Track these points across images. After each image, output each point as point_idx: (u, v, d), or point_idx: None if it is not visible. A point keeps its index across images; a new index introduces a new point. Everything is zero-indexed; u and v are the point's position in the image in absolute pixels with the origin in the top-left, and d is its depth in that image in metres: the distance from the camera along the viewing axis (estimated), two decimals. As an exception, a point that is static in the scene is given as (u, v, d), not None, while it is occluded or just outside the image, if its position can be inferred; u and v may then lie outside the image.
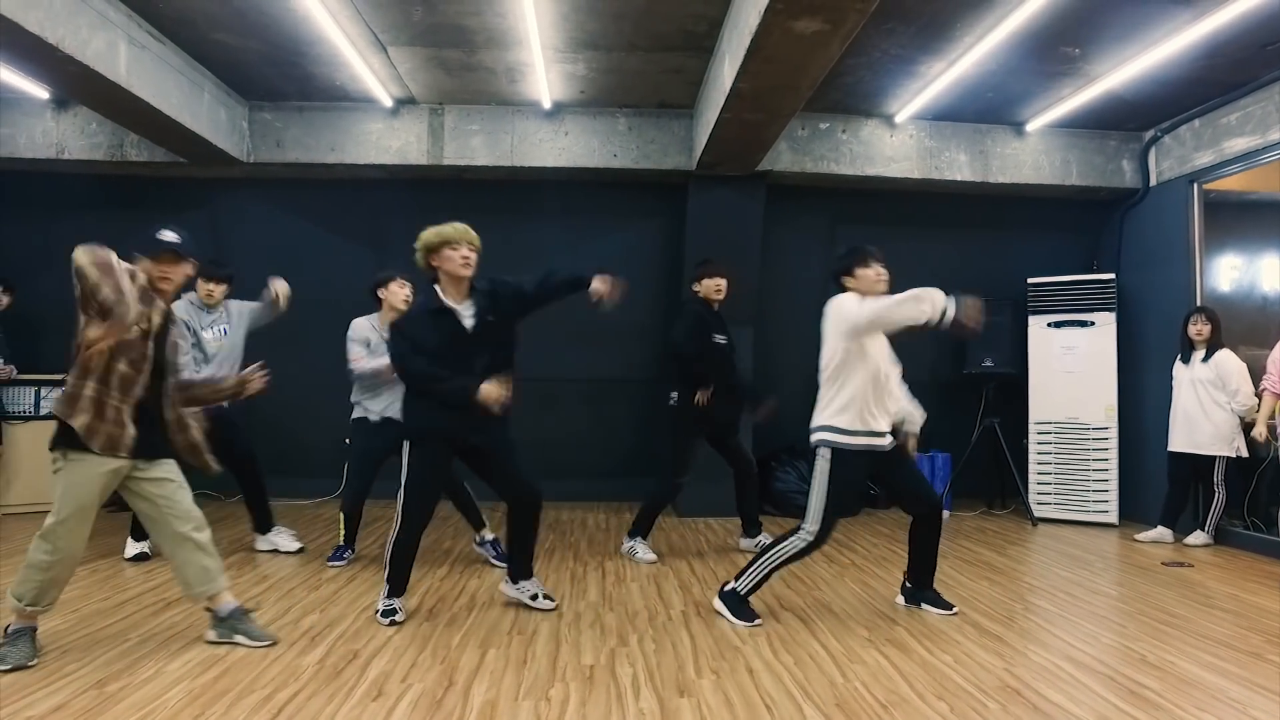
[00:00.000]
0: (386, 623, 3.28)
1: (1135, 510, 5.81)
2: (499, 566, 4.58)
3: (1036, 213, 6.51)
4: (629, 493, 5.67)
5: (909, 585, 3.70)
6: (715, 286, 4.61)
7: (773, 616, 3.49)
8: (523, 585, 3.54)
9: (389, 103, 5.66)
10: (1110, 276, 6.00)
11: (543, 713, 2.47)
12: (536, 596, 3.53)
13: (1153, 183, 6.00)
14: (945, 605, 3.57)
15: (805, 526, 3.38)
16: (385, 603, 3.34)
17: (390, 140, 5.81)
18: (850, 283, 3.43)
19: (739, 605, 3.44)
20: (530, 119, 5.83)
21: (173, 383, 3.02)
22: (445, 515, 5.65)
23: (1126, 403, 5.90)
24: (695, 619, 3.44)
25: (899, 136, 5.96)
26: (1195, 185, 5.58)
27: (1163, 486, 5.38)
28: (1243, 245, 5.85)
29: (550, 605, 3.53)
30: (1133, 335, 5.98)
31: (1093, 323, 5.98)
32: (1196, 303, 5.44)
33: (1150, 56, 4.64)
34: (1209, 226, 5.59)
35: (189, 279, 3.08)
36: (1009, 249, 6.58)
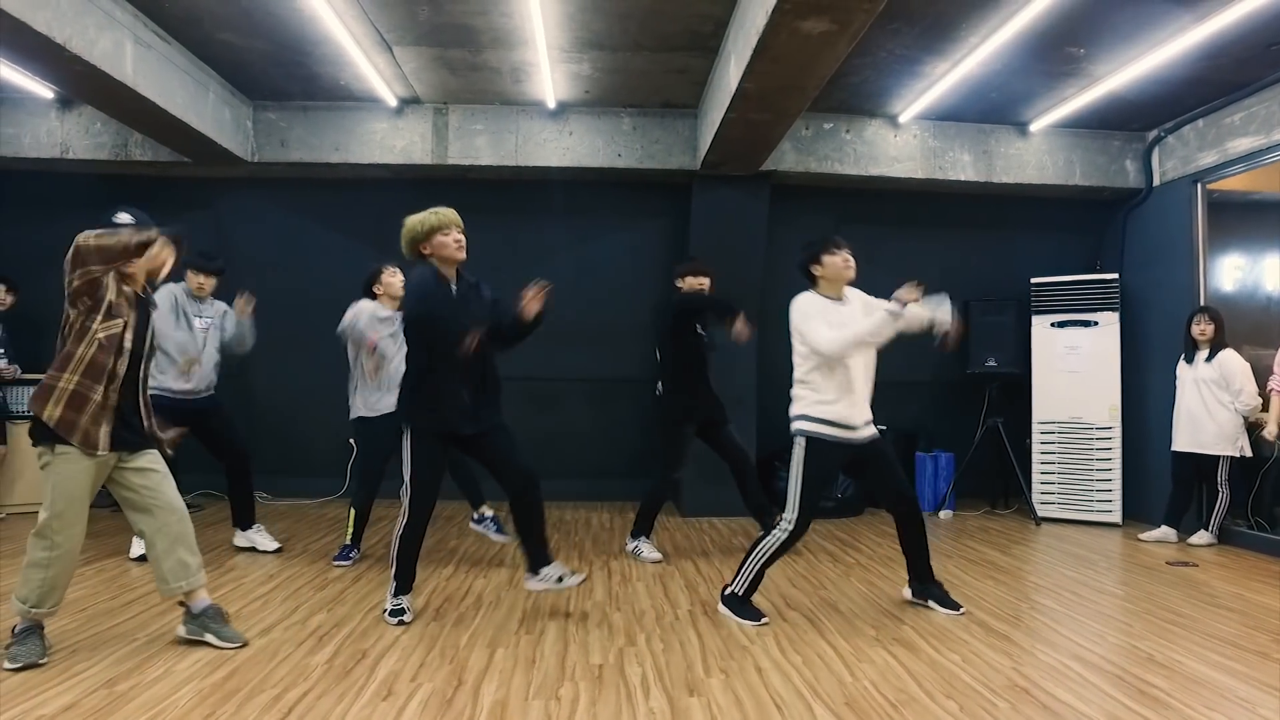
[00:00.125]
0: (394, 622, 3.28)
1: (1139, 510, 5.82)
2: (500, 540, 4.60)
3: (1040, 213, 6.51)
4: (633, 492, 5.66)
5: (913, 581, 3.69)
6: (698, 284, 4.66)
7: (779, 616, 3.49)
8: (545, 573, 3.43)
9: (393, 102, 5.66)
10: (1114, 276, 6.01)
11: (553, 712, 2.47)
12: (563, 578, 3.43)
13: (1156, 183, 6.01)
14: (953, 605, 3.57)
15: (785, 516, 3.41)
16: (393, 602, 3.34)
17: (394, 140, 5.81)
18: (818, 270, 3.46)
19: (741, 606, 3.45)
20: (535, 119, 5.83)
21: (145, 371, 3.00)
22: (449, 515, 5.68)
23: (1130, 402, 5.90)
24: (702, 618, 3.45)
25: (903, 136, 5.96)
26: (1199, 185, 5.58)
27: (1166, 486, 5.39)
28: (1246, 245, 5.85)
29: (580, 578, 3.46)
30: (1136, 335, 5.99)
31: (1096, 323, 5.99)
32: (1200, 303, 5.44)
33: (1154, 57, 4.64)
34: (1212, 226, 5.60)
35: (163, 265, 3.00)
36: (1012, 249, 6.59)
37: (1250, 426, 5.00)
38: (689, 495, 6.00)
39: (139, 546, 4.34)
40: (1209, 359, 5.11)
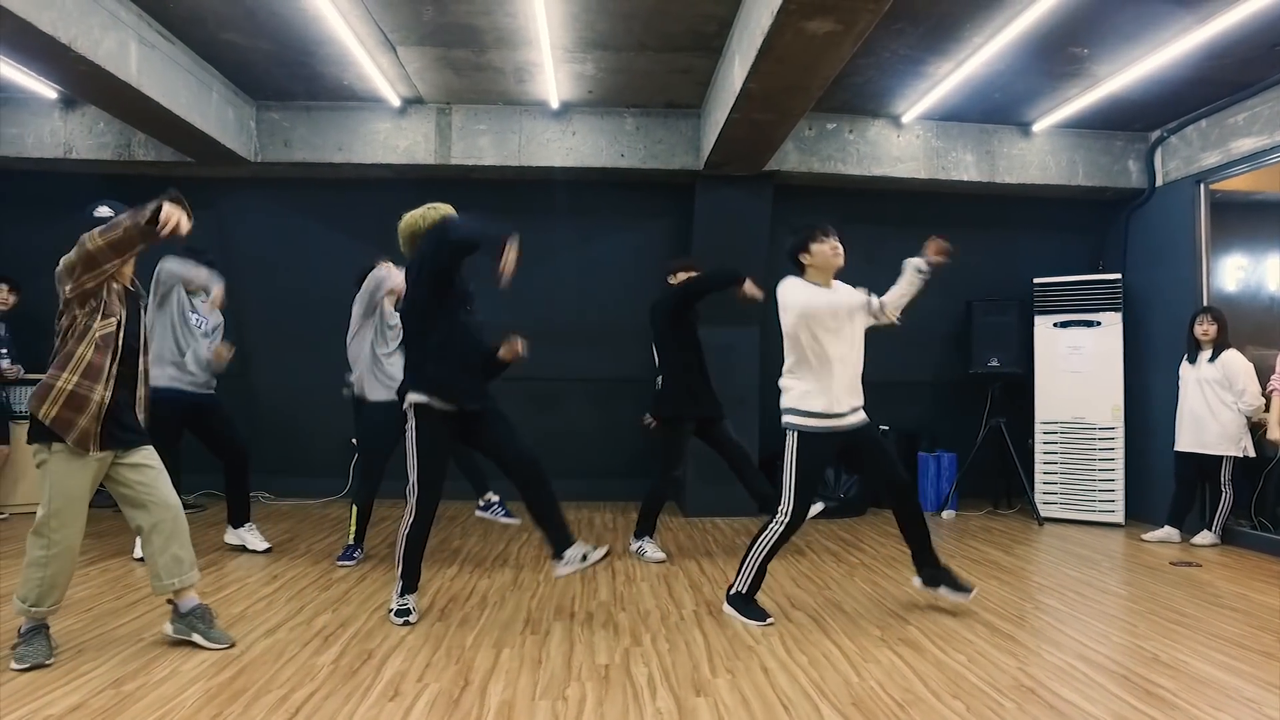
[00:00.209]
0: (400, 623, 3.28)
1: (1141, 510, 5.82)
2: (509, 523, 4.65)
3: (1042, 213, 6.52)
4: (635, 492, 5.66)
5: (920, 570, 3.61)
6: (689, 279, 4.66)
7: (784, 616, 3.49)
8: (569, 555, 3.32)
9: (396, 102, 5.66)
10: (1116, 277, 6.01)
11: (560, 712, 2.47)
12: (586, 556, 3.32)
13: (1159, 183, 6.01)
14: (965, 588, 3.52)
15: (781, 508, 3.41)
16: (399, 602, 3.34)
17: (397, 140, 5.81)
18: (806, 259, 3.46)
19: (746, 605, 3.45)
20: (538, 119, 5.83)
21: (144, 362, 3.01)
22: (451, 515, 5.68)
23: (1132, 402, 5.91)
24: (707, 619, 3.45)
25: (906, 137, 5.96)
26: (1202, 185, 5.58)
27: (1169, 486, 5.39)
28: (1249, 245, 5.85)
29: (604, 550, 3.36)
30: (1139, 335, 5.99)
31: (1099, 323, 5.99)
32: (1203, 303, 5.44)
33: (1157, 57, 4.64)
34: (1215, 226, 5.60)
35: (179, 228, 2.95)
36: (1015, 249, 6.60)
37: (1253, 427, 5.00)
38: (691, 495, 6.00)
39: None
40: (1212, 359, 5.11)
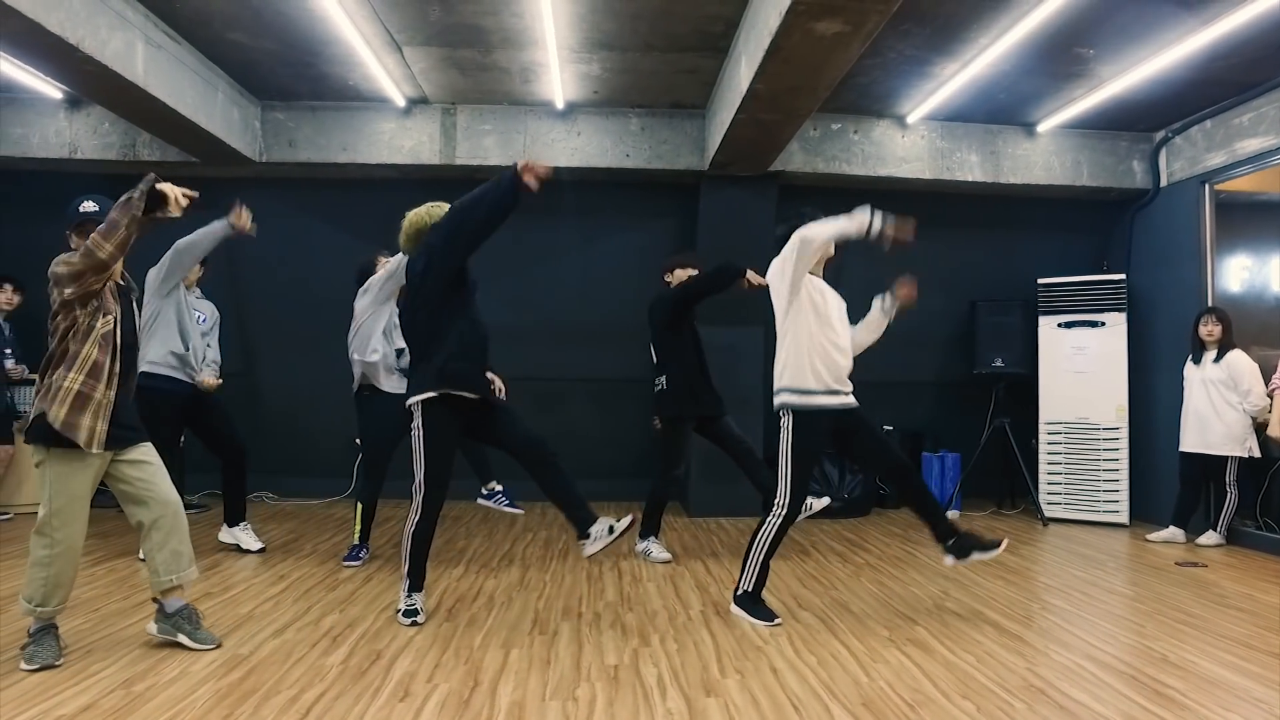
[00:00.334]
0: (408, 623, 3.28)
1: (1146, 510, 5.82)
2: (513, 512, 4.63)
3: (1047, 213, 6.52)
4: (639, 492, 5.66)
5: (945, 545, 3.52)
6: (686, 276, 4.64)
7: (792, 616, 3.49)
8: (594, 531, 3.27)
9: (401, 103, 5.66)
10: (1121, 277, 6.01)
11: (571, 713, 2.47)
12: (612, 529, 3.28)
13: (1163, 183, 6.01)
14: (993, 545, 3.46)
15: (777, 500, 3.42)
16: (407, 602, 3.34)
17: (402, 140, 5.82)
18: None
19: (753, 605, 3.45)
20: (543, 119, 5.83)
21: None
22: (456, 515, 5.69)
23: (1137, 403, 5.91)
24: (715, 619, 3.45)
25: (910, 137, 5.96)
26: (1206, 186, 5.58)
27: (1173, 486, 5.39)
28: (1254, 246, 5.85)
29: (629, 519, 3.33)
30: (1143, 335, 5.99)
31: (1103, 323, 5.99)
32: (1207, 303, 5.45)
33: (1163, 58, 4.64)
34: (1220, 227, 5.60)
35: (176, 203, 2.90)
36: (1019, 249, 6.60)
37: (1258, 427, 5.00)
38: (695, 496, 6.01)
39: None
40: (1217, 360, 5.11)
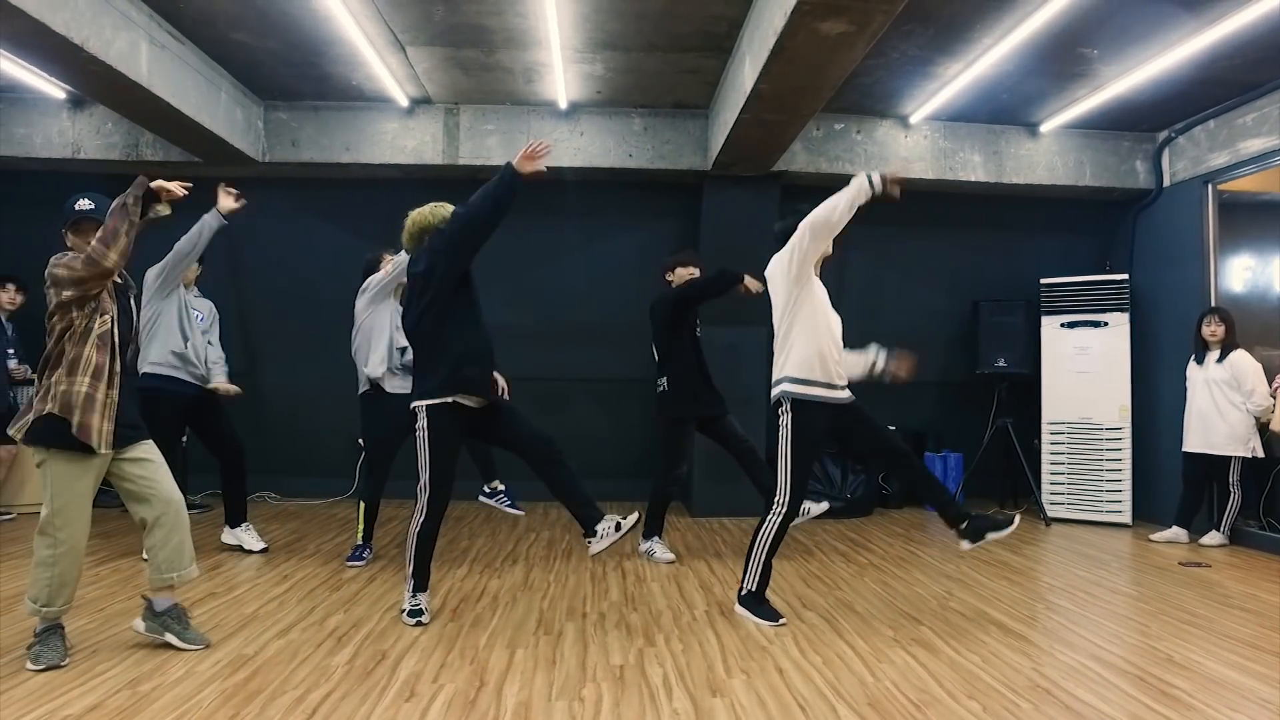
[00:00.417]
0: (413, 623, 3.28)
1: (1148, 511, 5.82)
2: (514, 513, 4.60)
3: (1050, 213, 6.52)
4: (643, 492, 5.66)
5: (959, 529, 3.47)
6: (688, 275, 4.64)
7: (796, 616, 3.49)
8: (601, 529, 3.29)
9: (404, 102, 5.66)
10: (1124, 277, 6.01)
11: (577, 713, 2.47)
12: (620, 525, 3.29)
13: (1166, 183, 6.01)
14: (1005, 523, 3.42)
15: (776, 499, 3.42)
16: (411, 601, 3.34)
17: (405, 140, 5.81)
18: None
19: (758, 605, 3.45)
20: (546, 119, 5.83)
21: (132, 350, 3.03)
22: (459, 515, 5.69)
23: (1140, 403, 5.90)
24: (719, 619, 3.45)
25: (913, 137, 5.96)
26: (1209, 186, 5.58)
27: (1176, 487, 5.39)
28: (1257, 246, 5.85)
29: (635, 516, 3.34)
30: (1146, 336, 5.99)
31: (1106, 323, 5.99)
32: (1210, 303, 5.45)
33: (1167, 58, 4.64)
34: (1223, 227, 5.60)
35: (170, 193, 2.96)
36: (1022, 249, 6.60)
37: (1262, 427, 5.00)
38: (698, 496, 6.01)
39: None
40: (1220, 360, 5.11)
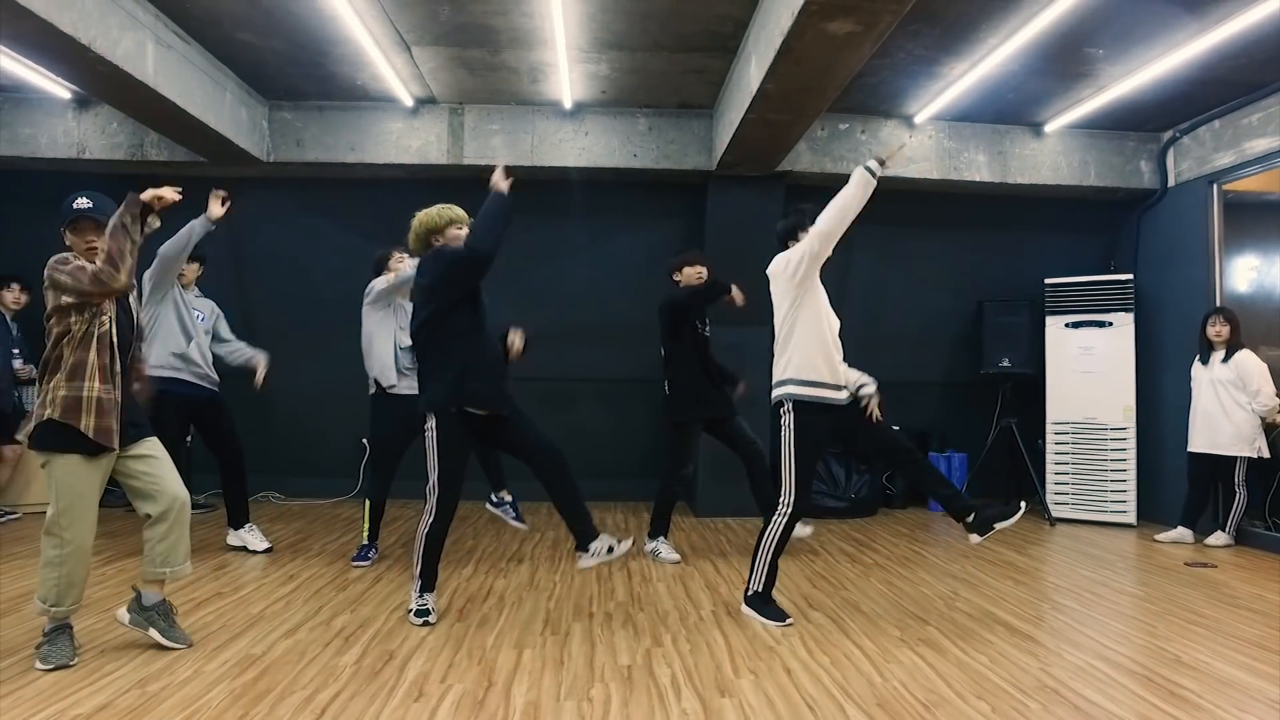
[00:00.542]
0: (420, 623, 3.28)
1: (1153, 511, 5.81)
2: (518, 526, 4.58)
3: (1054, 213, 6.51)
4: (648, 492, 5.68)
5: (966, 523, 3.46)
6: (695, 275, 4.63)
7: (803, 616, 3.49)
8: (594, 547, 3.34)
9: (409, 102, 5.66)
10: (1128, 277, 6.00)
11: (586, 713, 2.48)
12: (613, 549, 3.34)
13: (1171, 183, 6.00)
14: (1013, 510, 3.40)
15: (782, 500, 3.43)
16: (418, 602, 3.34)
17: (410, 140, 5.82)
18: (796, 245, 3.48)
19: (764, 605, 3.45)
20: (550, 119, 5.83)
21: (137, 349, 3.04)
22: (464, 515, 5.66)
23: (1144, 403, 5.90)
24: (726, 619, 3.45)
25: (918, 137, 5.96)
26: (1215, 186, 5.58)
27: (1180, 487, 5.39)
28: (1262, 246, 5.85)
29: (630, 542, 3.41)
30: (1151, 336, 5.98)
31: (1110, 323, 5.99)
32: (1215, 303, 5.44)
33: (1172, 58, 4.63)
34: (1228, 227, 5.60)
35: (164, 199, 2.96)
36: (1027, 249, 6.59)
37: (1268, 428, 5.00)
38: (702, 496, 6.00)
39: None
40: (1225, 360, 5.11)
